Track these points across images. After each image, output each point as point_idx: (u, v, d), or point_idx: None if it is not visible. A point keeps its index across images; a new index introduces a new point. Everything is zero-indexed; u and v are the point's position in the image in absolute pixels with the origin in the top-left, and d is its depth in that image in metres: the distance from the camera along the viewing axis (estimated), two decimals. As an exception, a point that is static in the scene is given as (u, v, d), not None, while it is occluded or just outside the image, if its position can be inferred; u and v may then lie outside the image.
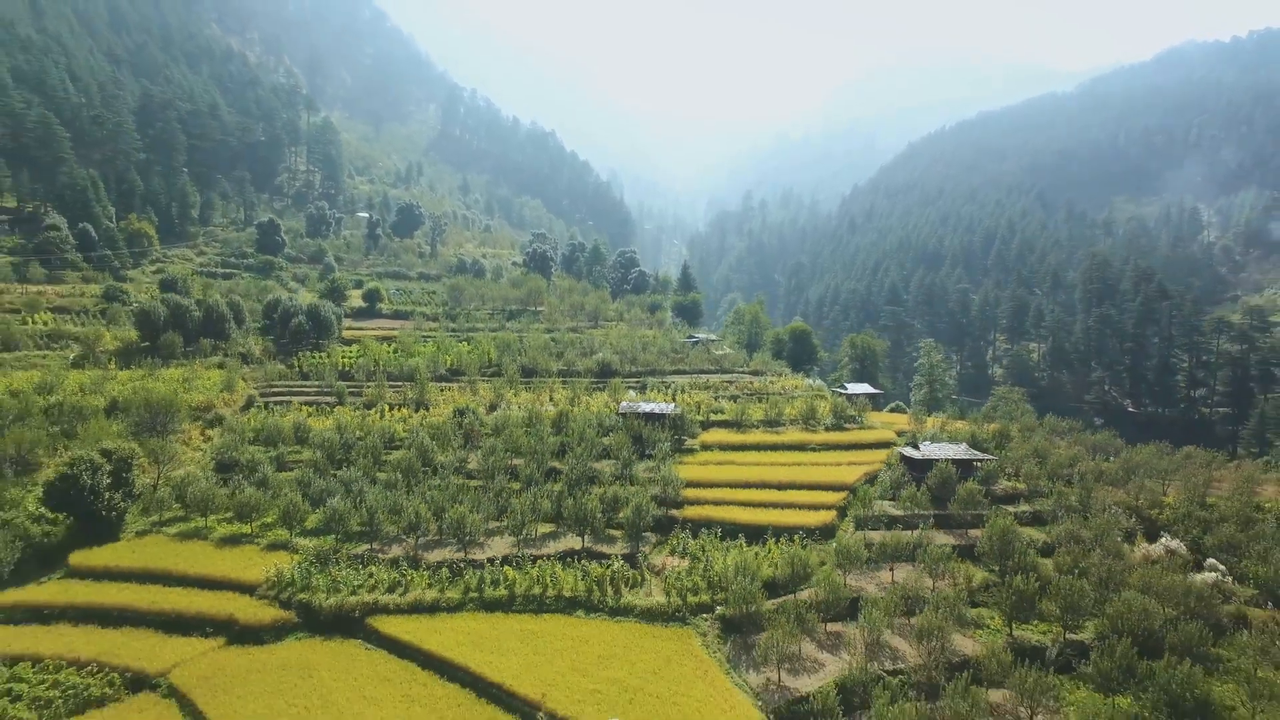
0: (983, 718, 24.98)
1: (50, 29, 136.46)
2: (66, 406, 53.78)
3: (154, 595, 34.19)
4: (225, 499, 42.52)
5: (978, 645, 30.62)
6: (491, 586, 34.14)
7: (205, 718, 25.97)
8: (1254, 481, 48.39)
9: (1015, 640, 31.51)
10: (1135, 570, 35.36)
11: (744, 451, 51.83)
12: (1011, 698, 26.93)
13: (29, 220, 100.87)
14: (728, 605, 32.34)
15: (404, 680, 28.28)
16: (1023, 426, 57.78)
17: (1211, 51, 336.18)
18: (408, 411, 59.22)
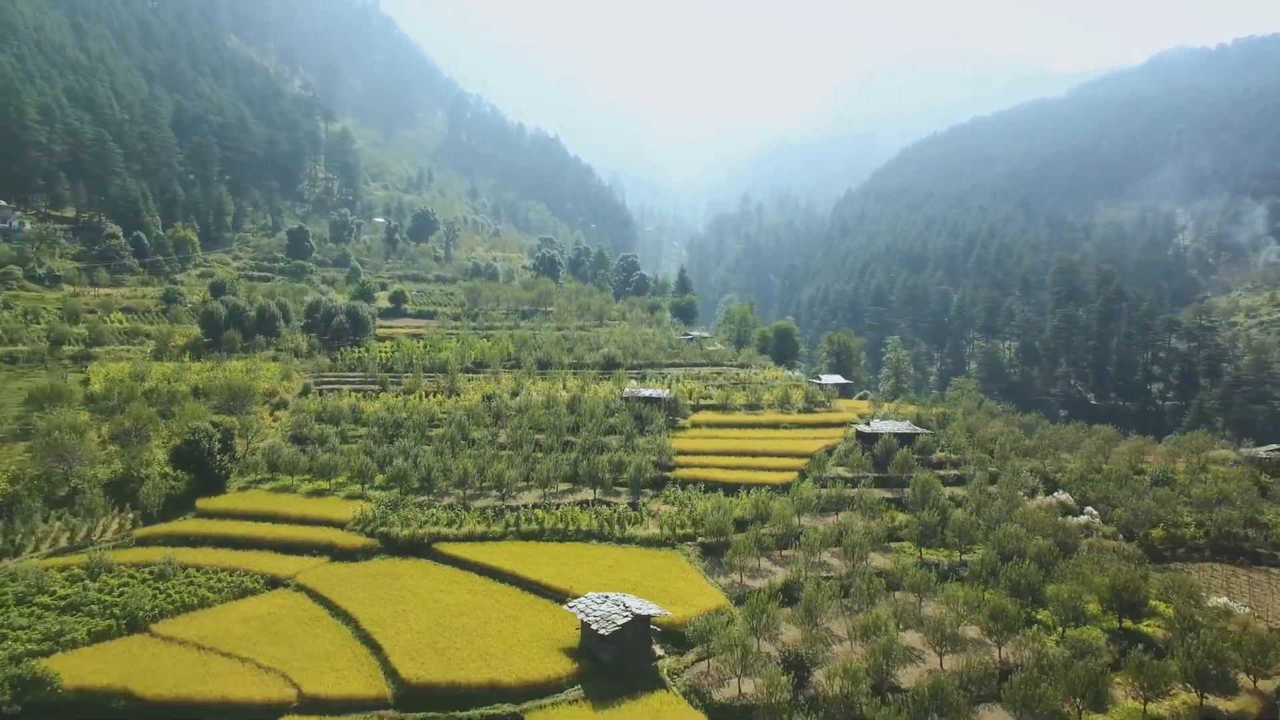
0: (880, 597, 35.70)
1: (92, 49, 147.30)
2: (160, 391, 64.65)
3: (267, 530, 44.92)
4: (307, 462, 53.35)
5: (891, 562, 41.36)
6: (526, 523, 44.94)
7: (330, 600, 36.73)
8: (1142, 452, 59.25)
9: (923, 560, 42.26)
10: (1019, 511, 46.11)
11: (727, 429, 62.65)
12: (907, 593, 37.64)
13: (87, 229, 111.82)
14: (705, 535, 43.13)
15: (466, 581, 39.06)
16: (964, 409, 68.55)
17: (1198, 58, 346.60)
18: (442, 397, 69.98)
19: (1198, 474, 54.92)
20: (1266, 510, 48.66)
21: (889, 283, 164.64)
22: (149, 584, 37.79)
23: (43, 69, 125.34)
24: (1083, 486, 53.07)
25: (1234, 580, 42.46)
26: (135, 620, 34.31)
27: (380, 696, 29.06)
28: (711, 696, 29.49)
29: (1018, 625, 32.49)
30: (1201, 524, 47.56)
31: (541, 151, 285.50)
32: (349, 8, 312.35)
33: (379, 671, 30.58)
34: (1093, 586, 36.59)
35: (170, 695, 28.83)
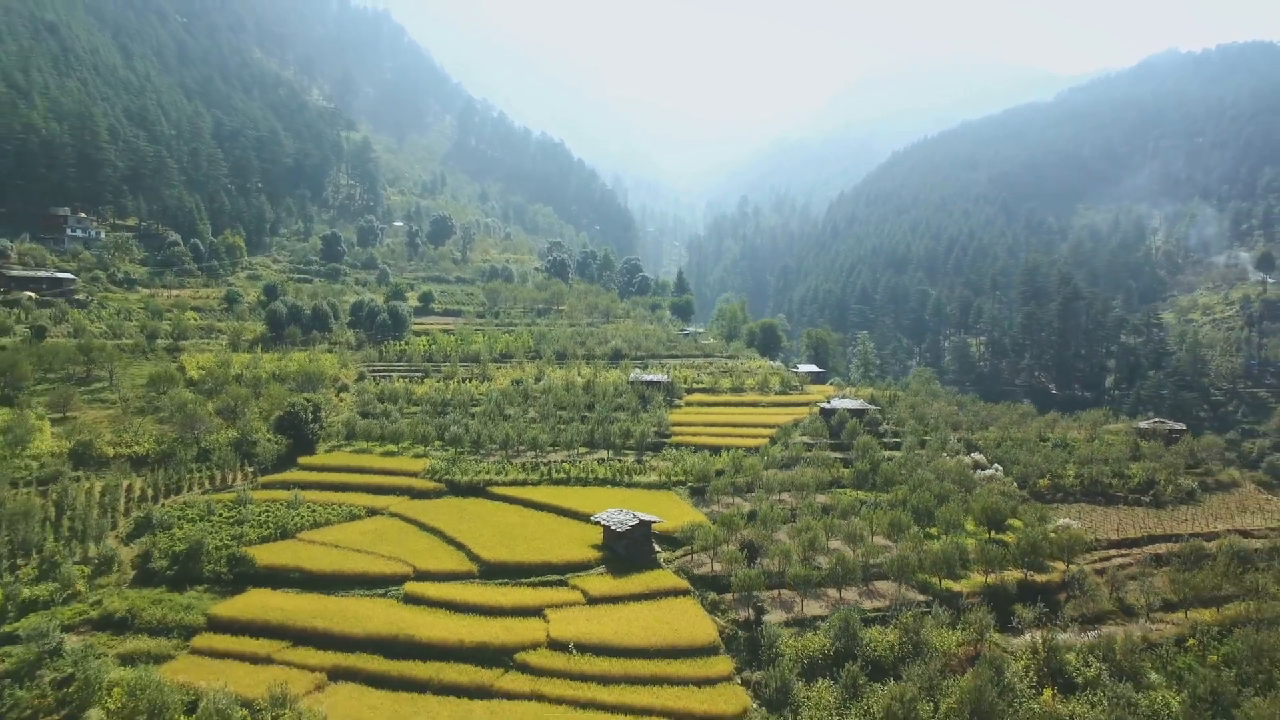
0: (817, 518, 49.86)
1: (139, 68, 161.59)
2: (245, 377, 78.95)
3: (356, 478, 59.12)
4: (378, 430, 67.69)
5: (831, 499, 55.59)
6: (556, 473, 59.25)
7: (418, 520, 51.01)
8: (1053, 426, 73.55)
9: (859, 500, 56.48)
10: (936, 464, 60.36)
11: (714, 406, 76.98)
12: (837, 517, 51.81)
13: (147, 236, 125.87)
14: (693, 480, 57.45)
15: (515, 510, 53.32)
16: (912, 392, 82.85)
17: (1183, 63, 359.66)
18: (476, 383, 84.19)
19: (1089, 441, 69.18)
20: (1132, 467, 63.00)
21: (873, 283, 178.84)
22: (284, 511, 52.10)
23: (102, 91, 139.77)
24: (996, 450, 67.35)
25: (1091, 513, 56.69)
26: (286, 530, 48.67)
27: (469, 570, 43.43)
28: (692, 572, 43.84)
29: (909, 531, 46.77)
30: (1079, 476, 61.86)
31: (547, 156, 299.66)
32: (361, 17, 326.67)
33: (465, 558, 44.93)
34: (972, 510, 50.89)
35: (329, 570, 43.19)
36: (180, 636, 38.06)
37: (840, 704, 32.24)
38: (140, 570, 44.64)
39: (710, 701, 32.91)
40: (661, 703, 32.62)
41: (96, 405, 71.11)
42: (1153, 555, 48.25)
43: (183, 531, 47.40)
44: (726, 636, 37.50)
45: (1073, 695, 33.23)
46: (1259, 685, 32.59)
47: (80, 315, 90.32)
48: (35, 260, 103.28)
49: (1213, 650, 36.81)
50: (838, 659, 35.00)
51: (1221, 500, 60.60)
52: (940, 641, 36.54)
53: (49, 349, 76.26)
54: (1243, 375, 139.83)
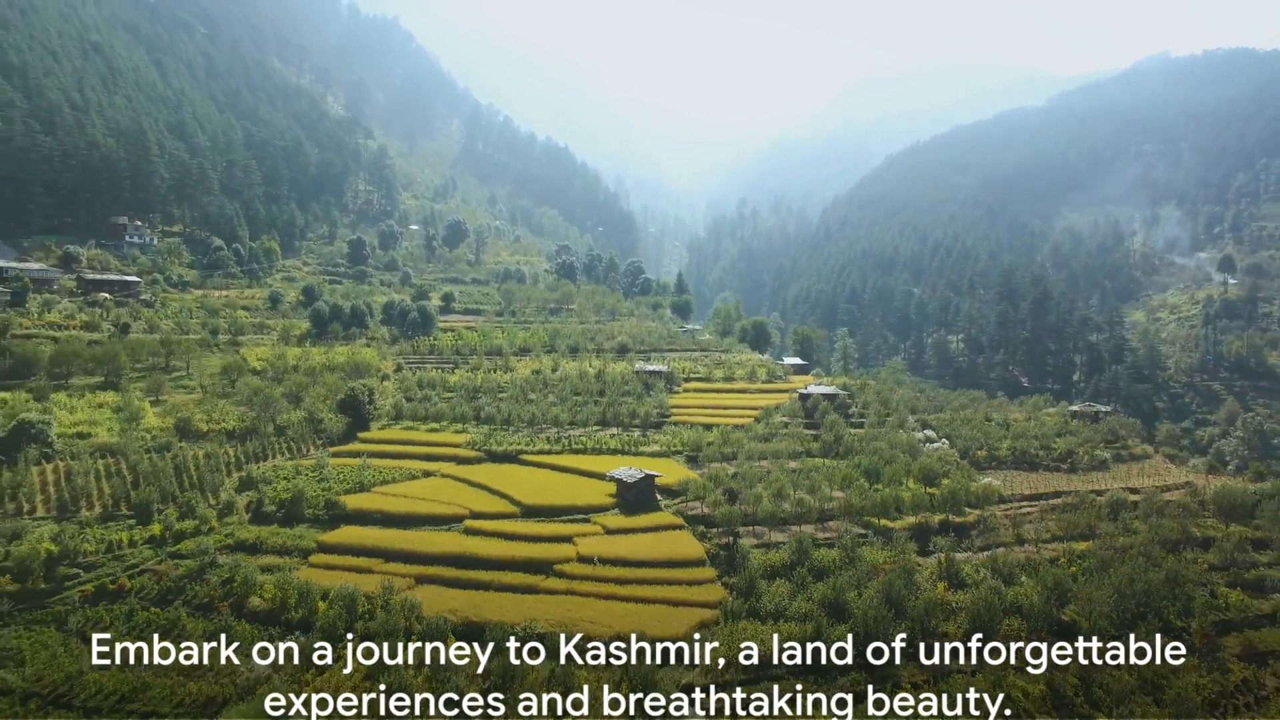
0: (786, 476, 62.54)
1: (174, 84, 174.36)
2: (302, 367, 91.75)
3: (409, 449, 71.83)
4: (422, 411, 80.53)
5: (801, 464, 68.31)
6: (575, 444, 72.09)
7: (466, 479, 63.79)
8: (1000, 409, 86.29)
9: (823, 463, 69.18)
10: (892, 437, 73.12)
11: (707, 393, 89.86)
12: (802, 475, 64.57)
13: (193, 241, 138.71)
14: (688, 449, 70.28)
15: (544, 472, 66.14)
16: (881, 380, 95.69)
17: (1170, 68, 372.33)
18: (501, 373, 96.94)
19: (1027, 420, 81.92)
20: (1057, 441, 75.81)
21: (862, 283, 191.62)
22: (357, 472, 64.90)
23: (145, 106, 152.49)
24: (946, 427, 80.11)
25: (1016, 477, 69.38)
26: (363, 485, 61.54)
27: (513, 512, 56.33)
28: (686, 513, 56.71)
29: (857, 484, 59.56)
30: (1011, 448, 74.62)
31: (552, 160, 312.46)
32: (371, 24, 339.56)
33: (508, 503, 57.79)
34: (913, 471, 63.65)
35: (402, 511, 56.05)
36: (299, 556, 50.89)
37: (791, 594, 45.02)
38: (254, 513, 57.53)
39: (697, 594, 45.74)
40: (662, 595, 45.44)
41: (180, 391, 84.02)
42: (1054, 505, 61.00)
43: (282, 485, 60.30)
44: (711, 555, 50.34)
45: (961, 590, 45.98)
46: (1094, 580, 45.38)
47: (150, 314, 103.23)
48: (101, 265, 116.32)
49: (1075, 565, 49.55)
50: (792, 567, 47.79)
51: (1129, 468, 73.34)
52: (870, 557, 49.32)
53: (135, 343, 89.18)
54: (1199, 370, 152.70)
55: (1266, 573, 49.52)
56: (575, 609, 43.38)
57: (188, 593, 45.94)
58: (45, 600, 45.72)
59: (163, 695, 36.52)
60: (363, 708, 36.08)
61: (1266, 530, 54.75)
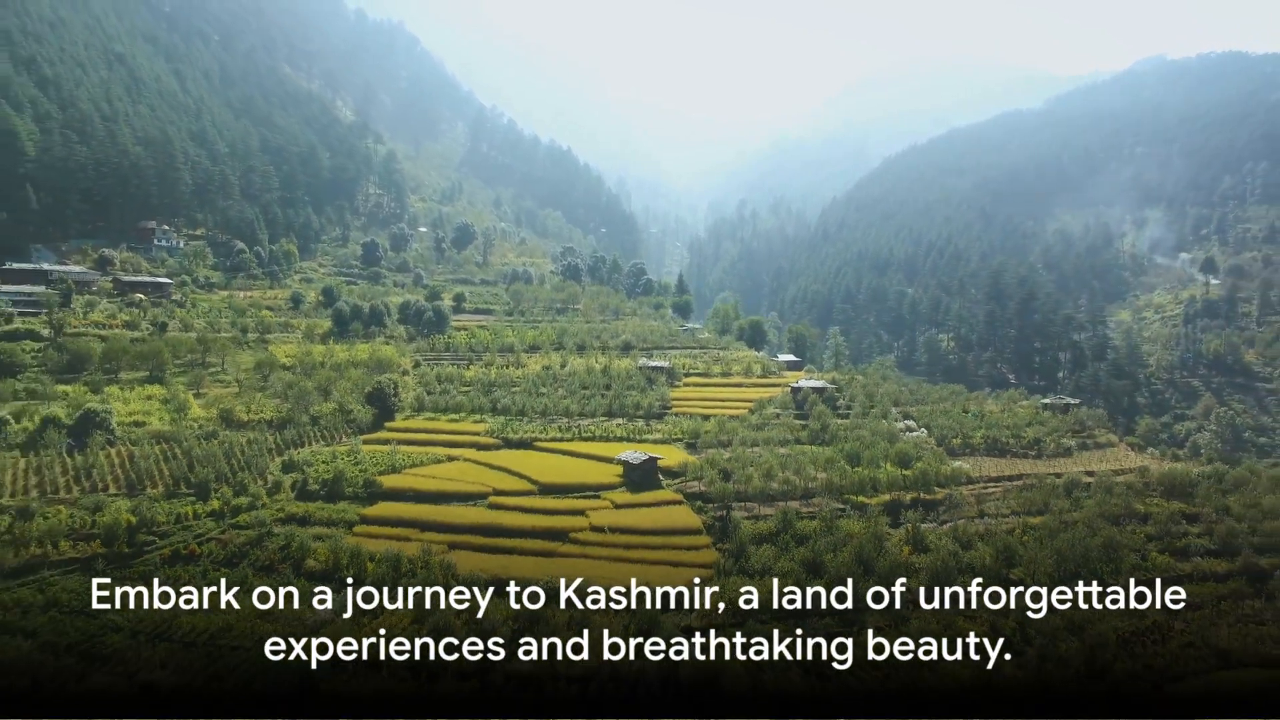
0: (776, 459, 69.72)
1: (193, 91, 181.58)
2: (328, 364, 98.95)
3: (433, 436, 79.12)
4: (442, 403, 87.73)
5: (790, 450, 75.46)
6: (585, 433, 79.31)
7: (487, 463, 71.04)
8: (976, 401, 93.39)
9: (811, 449, 76.29)
10: (873, 425, 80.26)
11: (706, 387, 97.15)
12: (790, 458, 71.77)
13: (216, 244, 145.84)
14: (687, 437, 77.47)
15: (556, 457, 73.35)
16: (867, 375, 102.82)
17: (1167, 72, 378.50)
18: (513, 369, 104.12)
19: (1001, 412, 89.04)
20: (1027, 430, 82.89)
21: (857, 284, 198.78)
22: (388, 456, 72.08)
23: (168, 115, 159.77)
24: (926, 418, 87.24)
25: (986, 461, 76.46)
26: (394, 467, 68.76)
27: (531, 489, 63.61)
28: (685, 491, 63.94)
29: (838, 466, 66.70)
30: (984, 436, 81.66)
31: (555, 163, 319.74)
32: (378, 29, 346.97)
33: (526, 483, 65.04)
34: (890, 456, 70.79)
35: (433, 489, 63.34)
36: (344, 528, 58.14)
37: (775, 556, 52.19)
38: (299, 491, 64.77)
39: (694, 557, 53.00)
40: (664, 558, 52.72)
41: (217, 385, 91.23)
42: (1017, 486, 68.16)
43: (322, 467, 67.57)
44: (707, 525, 57.59)
45: (924, 553, 53.14)
46: (1041, 545, 52.55)
47: (183, 313, 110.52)
48: (133, 267, 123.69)
49: (1028, 535, 56.70)
50: (777, 535, 55.02)
51: (1091, 455, 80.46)
52: (847, 527, 56.51)
53: (173, 340, 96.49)
54: (1179, 367, 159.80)
55: (1194, 541, 56.70)
56: (589, 569, 50.57)
57: (250, 556, 53.23)
58: (130, 562, 53.00)
59: (243, 633, 43.78)
60: (415, 648, 43.27)
61: (1200, 506, 61.88)
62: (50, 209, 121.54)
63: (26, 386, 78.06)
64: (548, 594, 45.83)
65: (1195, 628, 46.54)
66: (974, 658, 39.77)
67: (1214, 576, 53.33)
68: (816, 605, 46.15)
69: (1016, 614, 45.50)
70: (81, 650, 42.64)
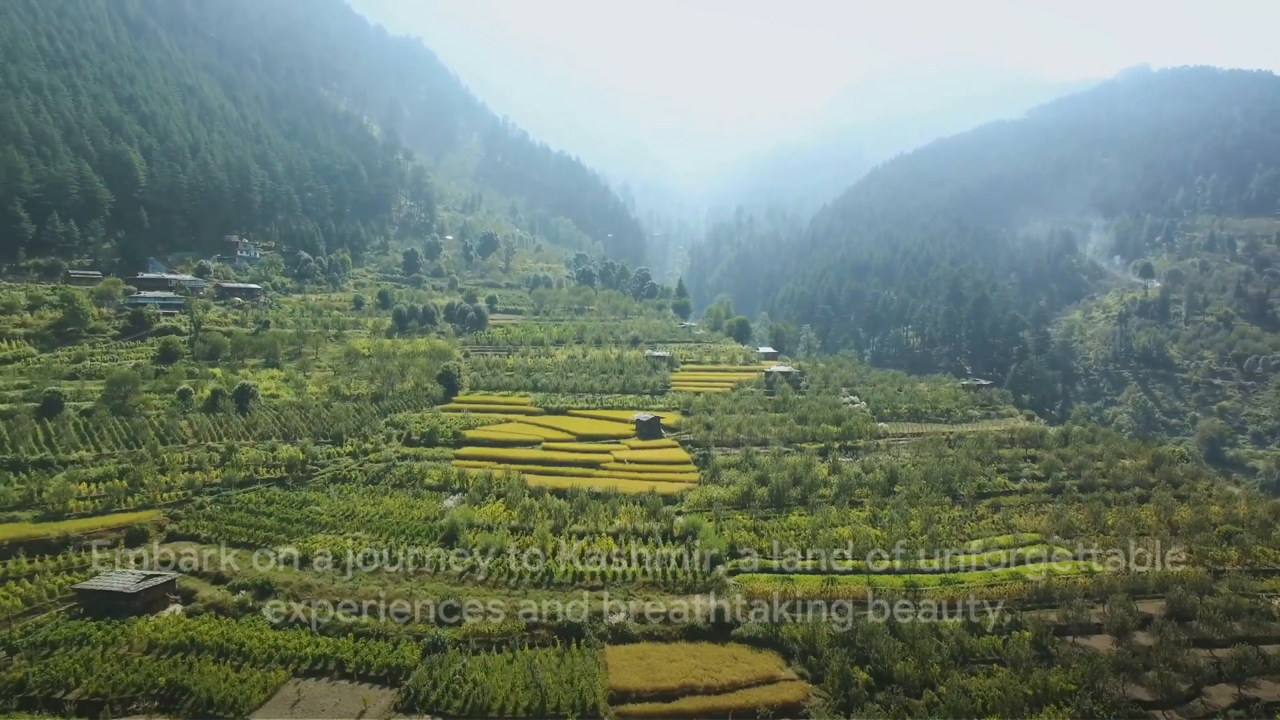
0: (745, 419, 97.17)
1: (250, 117, 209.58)
2: (396, 354, 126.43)
3: (490, 406, 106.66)
4: (493, 383, 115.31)
5: (758, 418, 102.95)
6: (604, 404, 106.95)
7: (536, 422, 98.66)
8: (912, 382, 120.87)
9: (773, 415, 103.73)
10: (823, 399, 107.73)
11: (699, 372, 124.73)
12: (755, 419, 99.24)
13: (284, 253, 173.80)
14: (682, 406, 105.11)
15: (587, 419, 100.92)
16: (826, 362, 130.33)
17: (1141, 84, 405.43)
18: (545, 358, 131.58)
19: (930, 391, 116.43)
20: (943, 403, 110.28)
21: (838, 287, 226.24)
22: (462, 418, 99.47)
23: (233, 140, 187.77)
24: (867, 393, 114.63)
25: (907, 424, 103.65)
26: (469, 425, 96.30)
27: (570, 438, 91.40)
28: (680, 440, 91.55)
29: (789, 423, 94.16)
30: (909, 407, 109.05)
31: (566, 172, 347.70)
32: (399, 45, 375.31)
33: (566, 434, 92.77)
34: (828, 418, 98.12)
35: (500, 438, 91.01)
36: (444, 462, 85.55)
37: (737, 476, 79.53)
38: (404, 440, 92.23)
39: (684, 476, 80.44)
40: (664, 477, 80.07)
41: (316, 369, 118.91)
42: (919, 439, 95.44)
43: (418, 424, 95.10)
44: (693, 459, 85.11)
45: (837, 474, 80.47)
46: (917, 469, 79.96)
47: (273, 313, 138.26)
48: (223, 275, 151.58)
49: (914, 466, 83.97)
50: (740, 464, 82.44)
51: (990, 422, 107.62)
52: (789, 460, 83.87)
53: (276, 334, 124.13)
54: (1112, 360, 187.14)
55: (1028, 468, 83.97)
56: (615, 482, 78.07)
57: (386, 478, 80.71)
58: (306, 481, 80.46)
59: (400, 515, 71.17)
60: (508, 524, 70.65)
61: (1044, 449, 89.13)
62: (158, 227, 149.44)
63: (187, 369, 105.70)
64: (589, 495, 73.42)
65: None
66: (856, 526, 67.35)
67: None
68: (760, 499, 73.64)
69: (892, 507, 72.91)
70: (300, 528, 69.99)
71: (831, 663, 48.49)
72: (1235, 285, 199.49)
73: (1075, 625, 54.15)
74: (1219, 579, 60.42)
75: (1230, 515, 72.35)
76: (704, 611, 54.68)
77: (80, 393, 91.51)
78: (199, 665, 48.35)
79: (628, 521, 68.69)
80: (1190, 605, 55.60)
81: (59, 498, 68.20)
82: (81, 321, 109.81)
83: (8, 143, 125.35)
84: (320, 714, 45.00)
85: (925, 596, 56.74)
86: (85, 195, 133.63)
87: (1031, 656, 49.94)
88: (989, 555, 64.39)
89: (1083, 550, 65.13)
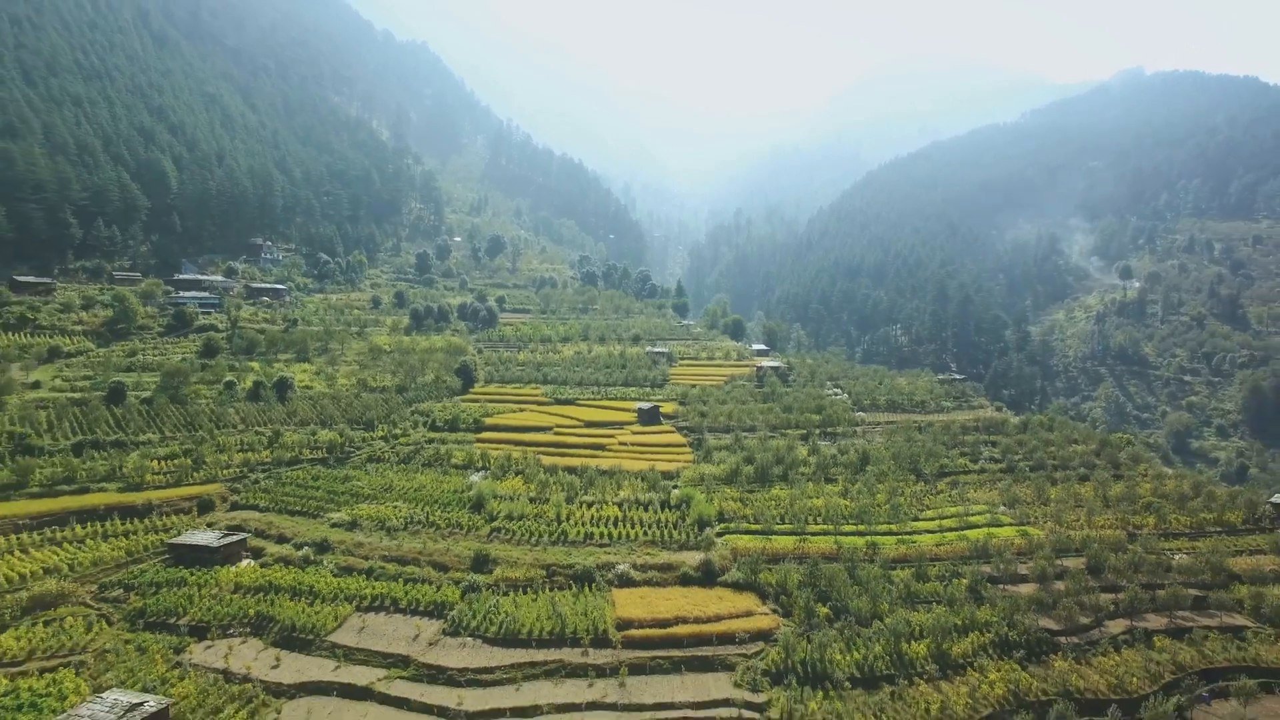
0: (736, 408, 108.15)
1: (268, 124, 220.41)
2: (415, 350, 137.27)
3: (505, 397, 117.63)
4: (507, 376, 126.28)
5: (749, 408, 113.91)
6: (608, 396, 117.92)
7: (547, 409, 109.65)
8: (891, 376, 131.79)
9: (761, 405, 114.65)
10: (809, 390, 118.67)
11: (695, 367, 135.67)
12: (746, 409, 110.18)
13: (304, 255, 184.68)
14: (679, 397, 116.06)
15: (593, 408, 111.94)
16: (813, 357, 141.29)
17: (1135, 87, 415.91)
18: (552, 354, 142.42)
19: (908, 385, 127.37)
20: (919, 395, 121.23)
21: (831, 287, 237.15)
22: (480, 407, 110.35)
23: (254, 147, 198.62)
24: (849, 386, 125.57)
25: (881, 414, 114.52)
26: (487, 413, 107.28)
27: (578, 424, 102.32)
28: (677, 426, 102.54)
29: (775, 412, 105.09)
30: (887, 398, 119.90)
31: (568, 175, 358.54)
32: (404, 50, 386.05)
33: (574, 420, 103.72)
34: (810, 407, 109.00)
35: (516, 424, 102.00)
36: (467, 445, 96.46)
37: (728, 456, 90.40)
38: (429, 426, 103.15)
39: (680, 456, 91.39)
40: (662, 456, 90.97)
41: (342, 363, 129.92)
42: (893, 426, 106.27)
43: (441, 412, 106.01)
44: (689, 442, 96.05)
45: (816, 455, 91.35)
46: (888, 451, 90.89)
47: (299, 312, 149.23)
48: (249, 276, 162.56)
49: (884, 448, 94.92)
50: (729, 446, 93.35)
51: (962, 413, 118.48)
52: (774, 444, 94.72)
53: (305, 332, 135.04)
54: (1090, 358, 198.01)
55: (988, 451, 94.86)
56: (619, 461, 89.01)
57: (416, 458, 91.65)
58: (344, 461, 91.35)
59: (432, 489, 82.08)
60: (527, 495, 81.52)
61: (1005, 435, 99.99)
62: (189, 231, 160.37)
63: (228, 363, 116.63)
64: (597, 472, 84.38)
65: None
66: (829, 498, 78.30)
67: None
68: (746, 476, 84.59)
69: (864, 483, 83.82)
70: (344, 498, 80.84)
71: (799, 600, 59.41)
72: (1209, 287, 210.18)
73: (1006, 576, 65.11)
74: (1134, 540, 71.30)
75: (1159, 490, 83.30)
76: (695, 563, 65.62)
77: (139, 383, 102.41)
78: (279, 601, 59.41)
79: (631, 493, 79.69)
80: (1105, 560, 66.50)
81: (138, 472, 79.24)
82: (131, 319, 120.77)
83: (57, 154, 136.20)
84: (383, 636, 55.96)
85: (882, 553, 67.64)
86: (125, 202, 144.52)
87: (966, 598, 60.91)
88: (941, 521, 75.39)
89: (1022, 517, 76.15)
